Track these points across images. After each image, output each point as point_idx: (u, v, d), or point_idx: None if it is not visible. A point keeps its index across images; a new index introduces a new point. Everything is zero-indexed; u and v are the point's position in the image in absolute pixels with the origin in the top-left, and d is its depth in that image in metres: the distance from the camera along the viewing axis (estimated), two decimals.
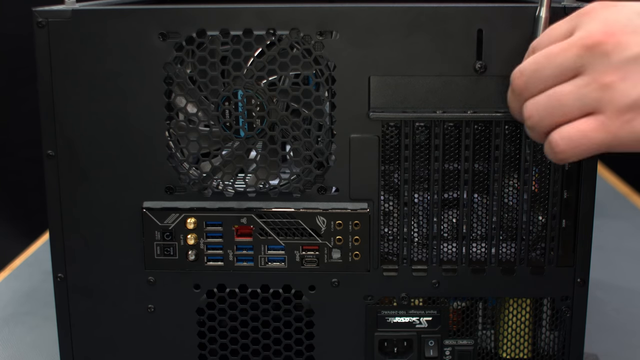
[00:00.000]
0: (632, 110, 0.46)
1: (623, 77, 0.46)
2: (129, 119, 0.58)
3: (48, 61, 0.58)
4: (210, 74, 0.57)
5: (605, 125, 0.47)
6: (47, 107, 0.58)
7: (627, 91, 0.46)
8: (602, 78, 0.46)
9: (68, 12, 0.57)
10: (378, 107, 0.58)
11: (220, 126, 0.58)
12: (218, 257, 0.60)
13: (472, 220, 0.60)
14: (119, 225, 0.60)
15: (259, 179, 0.59)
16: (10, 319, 0.80)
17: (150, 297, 0.62)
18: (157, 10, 0.57)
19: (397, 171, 0.59)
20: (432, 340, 0.62)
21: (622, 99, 0.46)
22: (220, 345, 0.63)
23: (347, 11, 0.56)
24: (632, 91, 0.46)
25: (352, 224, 0.59)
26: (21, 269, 0.93)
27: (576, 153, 0.48)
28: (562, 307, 0.61)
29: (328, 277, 0.61)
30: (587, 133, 0.47)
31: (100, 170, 0.59)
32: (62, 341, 0.63)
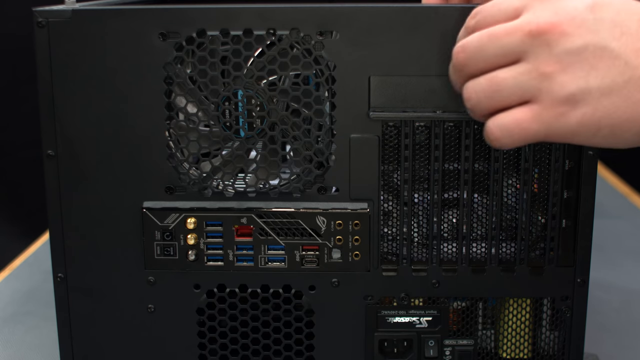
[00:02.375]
0: (567, 104, 0.46)
1: (563, 69, 0.46)
2: (129, 119, 0.58)
3: (48, 61, 0.58)
4: (210, 73, 0.57)
5: (540, 116, 0.47)
6: (47, 107, 0.58)
7: (565, 83, 0.46)
8: (542, 67, 0.46)
9: (68, 12, 0.57)
10: (378, 107, 0.58)
11: (220, 126, 0.58)
12: (218, 257, 0.61)
13: (472, 220, 0.60)
14: (119, 225, 0.60)
15: (259, 179, 0.59)
16: (10, 319, 0.80)
17: (150, 297, 0.62)
18: (157, 10, 0.57)
19: (397, 171, 0.59)
20: (432, 340, 0.62)
21: (559, 91, 0.46)
22: (220, 345, 0.63)
23: (347, 11, 0.56)
24: (570, 84, 0.46)
25: (352, 224, 0.59)
26: (21, 269, 0.93)
27: (511, 141, 0.48)
28: (562, 307, 0.61)
29: (328, 277, 0.61)
30: (521, 122, 0.47)
31: (100, 170, 0.59)
32: (62, 341, 0.63)
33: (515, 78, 0.47)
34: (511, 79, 0.47)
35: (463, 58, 0.49)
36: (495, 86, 0.48)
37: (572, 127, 0.47)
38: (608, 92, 0.45)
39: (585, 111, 0.46)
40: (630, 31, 0.45)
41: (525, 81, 0.47)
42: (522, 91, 0.47)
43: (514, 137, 0.48)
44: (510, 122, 0.48)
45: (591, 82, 0.46)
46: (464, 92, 0.50)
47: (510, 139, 0.48)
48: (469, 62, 0.49)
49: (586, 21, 0.46)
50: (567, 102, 0.46)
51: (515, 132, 0.48)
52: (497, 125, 0.48)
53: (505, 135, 0.48)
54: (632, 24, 0.46)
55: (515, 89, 0.47)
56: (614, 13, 0.46)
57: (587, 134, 0.47)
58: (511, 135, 0.48)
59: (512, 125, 0.48)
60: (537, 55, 0.46)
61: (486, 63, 0.48)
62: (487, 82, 0.48)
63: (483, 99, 0.49)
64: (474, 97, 0.49)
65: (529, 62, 0.47)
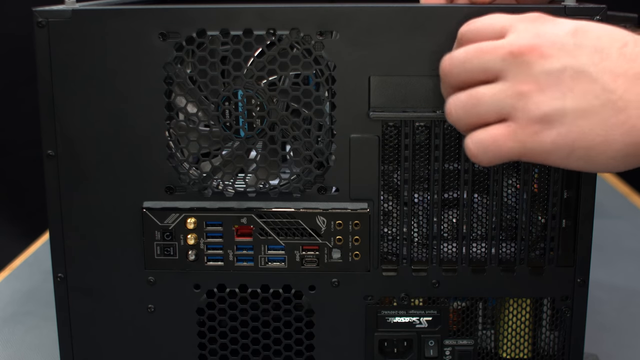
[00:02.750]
0: (542, 123, 0.47)
1: (540, 89, 0.47)
2: (129, 119, 0.58)
3: (48, 61, 0.58)
4: (210, 73, 0.57)
5: (515, 134, 0.48)
6: (47, 107, 0.58)
7: (541, 103, 0.47)
8: (519, 86, 0.47)
9: (68, 12, 0.57)
10: (378, 107, 0.58)
11: (220, 126, 0.58)
12: (218, 257, 0.61)
13: (472, 220, 0.60)
14: (119, 225, 0.60)
15: (259, 179, 0.59)
16: (10, 319, 0.80)
17: (150, 297, 0.62)
18: (157, 10, 0.57)
19: (397, 171, 0.59)
20: (432, 340, 0.62)
21: (534, 110, 0.47)
22: (220, 345, 0.63)
23: (347, 11, 0.56)
24: (545, 104, 0.47)
25: (352, 224, 0.59)
26: (21, 269, 0.93)
27: (486, 158, 0.49)
28: (562, 307, 0.61)
29: (328, 277, 0.61)
30: (497, 139, 0.48)
31: (100, 170, 0.59)
32: (62, 341, 0.63)
33: (494, 95, 0.48)
34: (489, 95, 0.48)
35: (448, 67, 0.51)
36: (475, 101, 0.49)
37: (547, 147, 0.47)
38: (583, 115, 0.46)
39: (559, 131, 0.47)
40: (610, 58, 0.46)
41: (502, 99, 0.48)
42: (499, 108, 0.48)
43: (488, 153, 0.49)
44: (486, 138, 0.49)
45: (567, 103, 0.46)
46: (445, 107, 0.51)
47: (486, 155, 0.49)
48: (452, 71, 0.51)
49: (566, 45, 0.47)
50: (542, 121, 0.47)
51: (490, 149, 0.49)
52: (474, 141, 0.49)
53: (480, 152, 0.49)
54: (612, 50, 0.46)
55: (492, 106, 0.48)
56: (595, 39, 0.47)
57: (561, 154, 0.47)
58: (486, 152, 0.49)
59: (488, 141, 0.49)
60: (516, 74, 0.47)
61: (467, 75, 0.50)
62: (467, 97, 0.49)
63: (462, 114, 0.50)
64: (453, 112, 0.50)
65: (508, 80, 0.48)
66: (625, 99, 0.46)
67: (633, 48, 0.46)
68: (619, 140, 0.46)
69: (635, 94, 0.45)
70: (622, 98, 0.46)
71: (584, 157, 0.47)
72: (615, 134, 0.46)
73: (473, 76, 0.49)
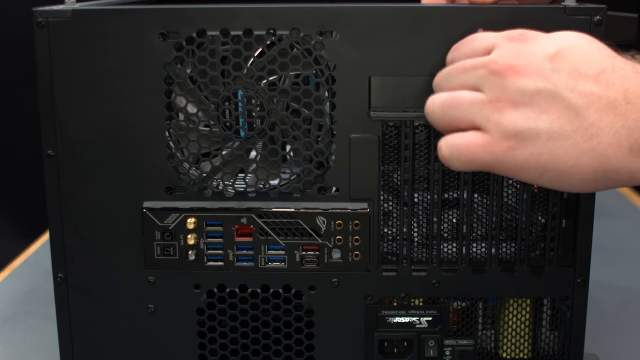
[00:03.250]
0: (515, 139, 0.48)
1: (514, 106, 0.48)
2: (129, 119, 0.58)
3: (48, 61, 0.58)
4: (210, 74, 0.57)
5: (490, 146, 0.49)
6: (47, 107, 0.58)
7: (515, 119, 0.48)
8: (495, 100, 0.49)
9: (68, 12, 0.57)
10: (378, 107, 0.58)
11: (220, 126, 0.58)
12: (218, 257, 0.61)
13: (472, 220, 0.60)
14: (119, 225, 0.60)
15: (259, 179, 0.59)
16: (10, 319, 0.80)
17: (150, 297, 0.62)
18: (157, 10, 0.57)
19: (397, 171, 0.59)
20: (432, 340, 0.62)
21: (508, 125, 0.48)
22: (220, 345, 0.63)
23: (347, 11, 0.56)
24: (519, 121, 0.48)
25: (352, 224, 0.59)
26: (21, 269, 0.93)
27: (458, 163, 0.50)
28: (562, 307, 0.61)
29: (328, 277, 0.61)
30: (471, 147, 0.49)
31: (100, 170, 0.59)
32: (62, 341, 0.63)
33: (472, 102, 0.49)
34: (468, 100, 0.50)
35: (436, 82, 0.53)
36: (454, 102, 0.50)
37: (519, 164, 0.48)
38: (556, 138, 0.47)
39: (532, 151, 0.48)
40: (585, 85, 0.47)
41: (479, 108, 0.49)
42: (474, 116, 0.49)
43: (461, 159, 0.50)
44: (461, 143, 0.50)
45: (540, 124, 0.47)
46: (426, 104, 0.52)
47: (458, 160, 0.50)
48: (440, 84, 0.53)
49: (542, 69, 0.48)
50: (515, 137, 0.48)
51: (463, 155, 0.50)
52: (448, 144, 0.50)
53: (453, 156, 0.50)
54: (588, 78, 0.47)
55: (468, 112, 0.49)
56: (572, 65, 0.47)
57: (534, 173, 0.48)
58: (459, 157, 0.50)
59: (462, 147, 0.50)
60: (493, 89, 0.49)
61: (451, 88, 0.51)
62: (447, 97, 0.51)
63: (439, 112, 0.51)
64: (431, 108, 0.52)
65: (486, 94, 0.49)
66: (596, 126, 0.46)
67: (609, 75, 0.47)
68: (589, 164, 0.47)
69: (607, 122, 0.46)
70: (594, 125, 0.46)
71: (556, 178, 0.48)
72: (585, 159, 0.47)
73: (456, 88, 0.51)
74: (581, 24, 0.55)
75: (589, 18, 0.55)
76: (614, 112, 0.46)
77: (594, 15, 0.55)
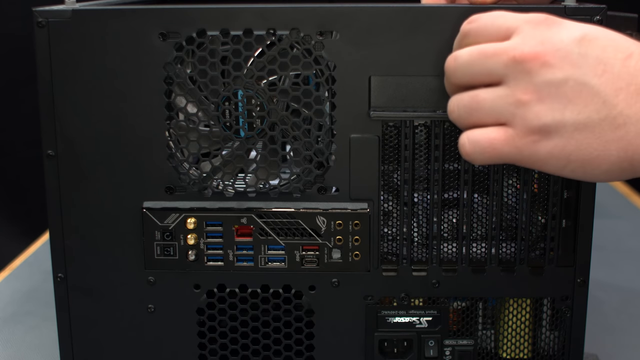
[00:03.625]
0: (540, 133, 0.47)
1: (540, 99, 0.47)
2: (129, 119, 0.58)
3: (48, 61, 0.58)
4: (210, 74, 0.57)
5: (513, 140, 0.48)
6: (47, 107, 0.58)
7: (540, 113, 0.47)
8: (520, 94, 0.47)
9: (68, 12, 0.57)
10: (378, 106, 0.57)
11: (220, 126, 0.58)
12: (218, 257, 0.60)
13: (472, 220, 0.60)
14: (119, 226, 0.60)
15: (259, 179, 0.59)
16: (10, 319, 0.80)
17: (150, 297, 0.62)
18: (157, 10, 0.57)
19: (397, 171, 0.59)
20: (432, 340, 0.62)
21: (533, 120, 0.47)
22: (220, 345, 0.63)
23: (347, 11, 0.56)
24: (545, 115, 0.47)
25: (352, 224, 0.59)
26: (21, 269, 0.93)
27: (481, 158, 0.50)
28: (562, 307, 0.61)
29: (328, 277, 0.61)
30: (494, 142, 0.49)
31: (100, 170, 0.59)
32: (62, 341, 0.63)
33: (494, 101, 0.48)
34: (490, 101, 0.49)
35: (452, 67, 0.51)
36: (476, 104, 0.49)
37: (542, 156, 0.48)
38: (582, 128, 0.46)
39: (556, 143, 0.47)
40: (613, 70, 0.46)
41: (502, 105, 0.48)
42: (499, 114, 0.48)
43: (484, 155, 0.49)
44: (483, 140, 0.49)
45: (567, 115, 0.46)
46: (448, 104, 0.52)
47: (482, 156, 0.50)
48: (456, 72, 0.51)
49: (570, 54, 0.46)
50: (540, 131, 0.47)
51: (487, 151, 0.49)
52: (471, 141, 0.50)
53: (476, 152, 0.50)
54: (616, 62, 0.46)
55: (492, 111, 0.49)
56: (599, 49, 0.46)
57: (557, 165, 0.48)
58: (482, 153, 0.49)
59: (485, 143, 0.49)
60: (518, 81, 0.47)
61: (471, 77, 0.50)
62: (469, 99, 0.50)
63: (464, 114, 0.50)
64: (455, 111, 0.51)
65: (509, 86, 0.48)
66: (624, 114, 0.45)
67: (637, 61, 0.46)
68: (615, 155, 0.46)
69: (635, 110, 0.45)
70: (622, 113, 0.45)
71: (579, 170, 0.47)
72: (611, 149, 0.46)
73: (476, 79, 0.50)
74: None
75: (589, 18, 0.55)
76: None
77: (594, 15, 0.55)
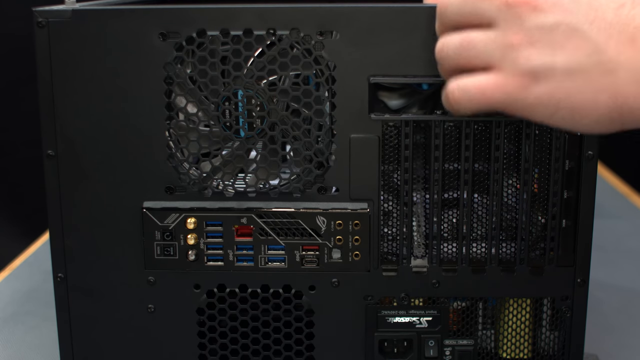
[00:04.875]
0: (530, 76, 0.46)
1: (530, 42, 0.46)
2: (129, 119, 0.58)
3: (48, 61, 0.58)
4: (211, 73, 0.57)
5: (503, 85, 0.47)
6: (47, 107, 0.58)
7: (530, 57, 0.46)
8: (510, 37, 0.47)
9: (68, 12, 0.57)
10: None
11: (221, 126, 0.58)
12: (218, 257, 0.61)
13: (472, 220, 0.60)
14: (118, 225, 0.60)
15: (259, 179, 0.59)
16: (10, 319, 0.80)
17: (150, 297, 0.62)
18: (157, 10, 0.57)
19: (397, 171, 0.59)
20: (432, 340, 0.62)
21: (523, 63, 0.46)
22: (220, 345, 0.63)
23: (347, 11, 0.56)
24: (535, 58, 0.46)
25: (352, 224, 0.59)
26: (21, 269, 0.93)
27: (469, 105, 0.49)
28: (562, 307, 0.61)
29: (328, 277, 0.61)
30: (484, 88, 0.48)
31: (100, 170, 0.59)
32: (62, 341, 0.63)
33: (485, 42, 0.48)
34: (481, 42, 0.48)
35: (444, 6, 0.51)
36: (466, 44, 0.49)
37: (531, 102, 0.47)
38: (572, 73, 0.46)
39: (546, 88, 0.46)
40: (605, 17, 0.45)
41: (493, 47, 0.47)
42: (488, 57, 0.48)
43: (472, 100, 0.48)
44: (473, 85, 0.48)
45: (557, 60, 0.46)
46: (437, 45, 0.51)
47: (469, 102, 0.49)
48: (447, 11, 0.50)
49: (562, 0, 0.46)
50: (530, 75, 0.46)
51: (475, 96, 0.48)
52: (460, 87, 0.49)
53: (464, 98, 0.49)
54: (608, 10, 0.46)
55: (482, 53, 0.48)
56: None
57: (546, 112, 0.47)
58: (470, 99, 0.48)
59: (474, 89, 0.48)
60: (509, 25, 0.47)
61: (462, 18, 0.49)
62: (460, 39, 0.49)
63: (452, 54, 0.49)
64: (444, 50, 0.50)
65: (500, 29, 0.47)
66: (615, 61, 0.45)
67: (630, 10, 0.45)
68: (604, 103, 0.45)
69: (626, 57, 0.45)
70: (613, 60, 0.45)
71: (568, 117, 0.47)
72: (601, 96, 0.45)
73: (467, 19, 0.49)
74: None
75: None
76: (634, 48, 0.44)
77: None
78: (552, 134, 0.58)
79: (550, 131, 0.58)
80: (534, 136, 0.58)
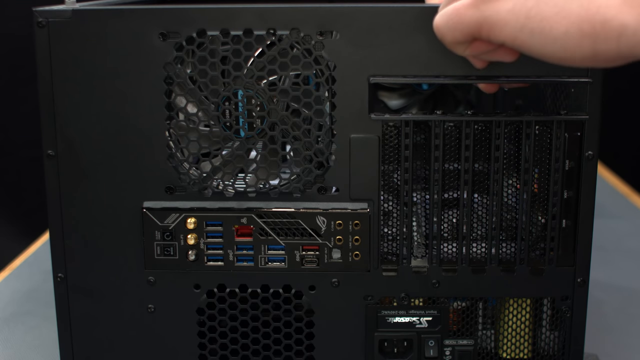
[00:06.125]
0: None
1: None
2: (129, 119, 0.58)
3: (48, 61, 0.58)
4: (211, 73, 0.57)
5: (475, 2, 0.48)
6: (47, 107, 0.58)
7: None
8: None
9: (68, 12, 0.57)
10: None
11: (221, 126, 0.58)
12: (218, 257, 0.61)
13: (472, 220, 0.60)
14: (119, 225, 0.60)
15: (259, 179, 0.59)
16: (10, 319, 0.80)
17: (150, 297, 0.62)
18: (157, 10, 0.57)
19: (397, 171, 0.59)
20: (432, 340, 0.62)
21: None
22: (220, 345, 0.63)
23: (347, 11, 0.56)
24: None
25: (352, 224, 0.59)
26: (21, 269, 0.93)
27: (447, 29, 0.50)
28: (562, 307, 0.61)
29: (328, 277, 0.61)
30: (458, 8, 0.49)
31: (100, 170, 0.59)
32: (62, 341, 0.63)
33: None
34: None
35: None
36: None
37: (503, 15, 0.47)
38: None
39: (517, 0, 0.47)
40: None
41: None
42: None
43: (449, 23, 0.50)
44: (449, 9, 0.50)
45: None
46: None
47: (446, 25, 0.50)
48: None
49: None
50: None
51: (451, 19, 0.50)
52: (440, 15, 0.51)
53: (442, 21, 0.51)
54: None
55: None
56: None
57: (516, 25, 0.47)
58: (447, 22, 0.50)
59: (450, 9, 0.50)
60: None
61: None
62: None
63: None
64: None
65: None
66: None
67: None
68: (576, 12, 0.45)
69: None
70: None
71: (538, 30, 0.46)
72: (572, 5, 0.45)
73: None
74: None
75: None
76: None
77: None
78: (552, 134, 0.58)
79: (550, 131, 0.58)
80: (534, 136, 0.58)
